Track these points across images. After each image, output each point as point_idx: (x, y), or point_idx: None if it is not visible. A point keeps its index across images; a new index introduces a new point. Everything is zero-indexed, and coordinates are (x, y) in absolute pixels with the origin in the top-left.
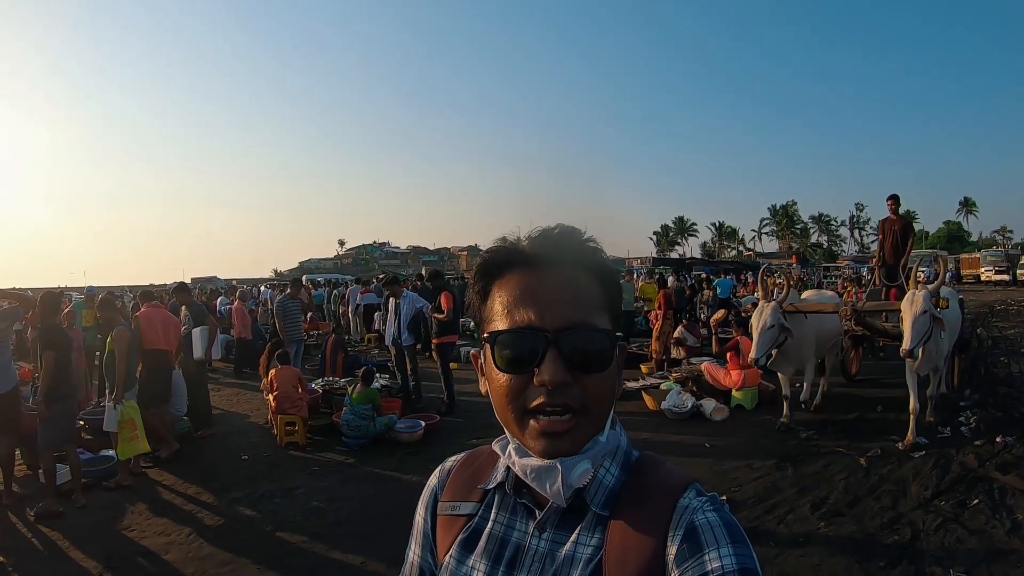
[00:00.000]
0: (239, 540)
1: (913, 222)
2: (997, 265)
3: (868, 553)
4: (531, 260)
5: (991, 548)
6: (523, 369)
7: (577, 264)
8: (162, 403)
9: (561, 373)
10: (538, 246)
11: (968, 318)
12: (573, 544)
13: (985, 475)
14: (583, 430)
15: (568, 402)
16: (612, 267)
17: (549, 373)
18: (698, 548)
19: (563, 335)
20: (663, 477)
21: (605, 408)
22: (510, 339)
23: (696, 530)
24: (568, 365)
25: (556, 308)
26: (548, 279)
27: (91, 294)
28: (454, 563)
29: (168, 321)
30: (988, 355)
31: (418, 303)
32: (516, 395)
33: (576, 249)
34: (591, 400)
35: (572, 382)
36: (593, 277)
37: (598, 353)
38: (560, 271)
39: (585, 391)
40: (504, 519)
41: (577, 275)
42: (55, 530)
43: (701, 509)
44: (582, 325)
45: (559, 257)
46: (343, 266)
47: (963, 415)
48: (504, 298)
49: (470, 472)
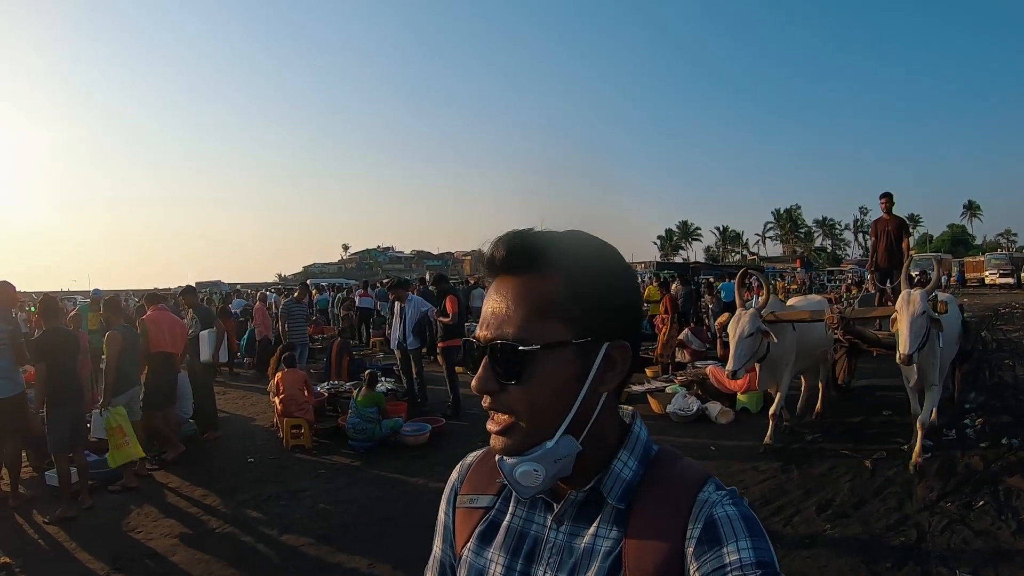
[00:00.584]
0: (245, 542)
1: (909, 223)
2: (1001, 268)
3: (874, 554)
4: (495, 268)
5: (997, 549)
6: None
7: (536, 268)
8: (168, 406)
9: (483, 382)
10: (489, 253)
11: (972, 322)
12: (592, 537)
13: (991, 477)
14: (518, 434)
15: (498, 407)
16: (595, 265)
17: (475, 380)
18: (717, 541)
19: (490, 347)
20: (682, 471)
21: (541, 416)
22: (465, 347)
23: (715, 523)
24: (496, 374)
25: (489, 321)
26: (497, 288)
27: (97, 297)
28: (472, 555)
29: (174, 324)
30: (993, 358)
31: (423, 307)
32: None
33: (535, 252)
34: (519, 408)
35: (498, 390)
36: (561, 281)
37: (508, 368)
38: (510, 278)
39: (511, 399)
40: (522, 512)
41: (527, 280)
42: (62, 531)
43: (720, 503)
44: (498, 338)
45: (511, 263)
46: (347, 270)
47: (968, 417)
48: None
49: (489, 466)
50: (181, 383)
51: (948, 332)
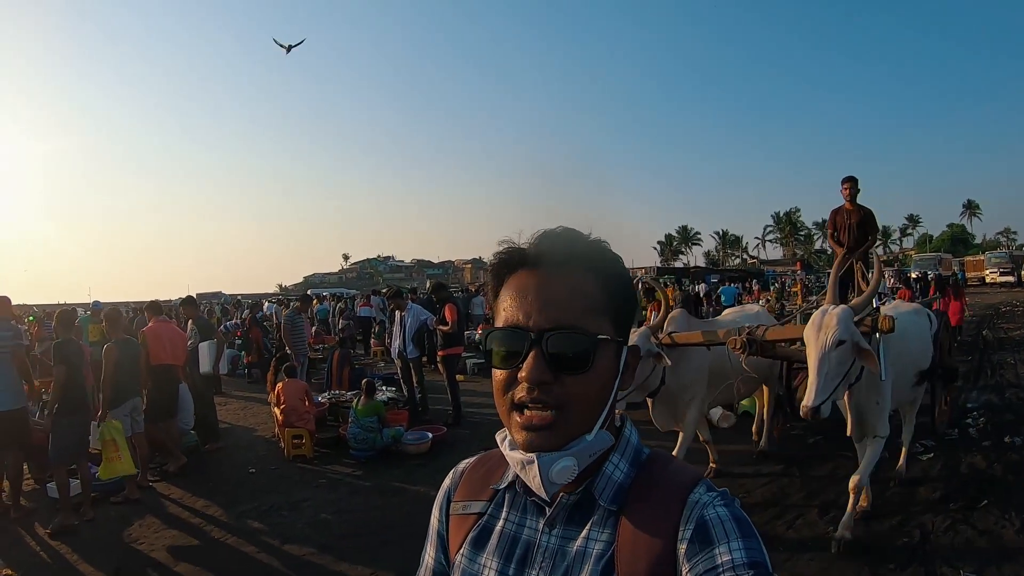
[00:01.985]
0: (247, 553)
1: (873, 211)
2: (1002, 267)
3: (878, 555)
4: (531, 261)
5: (1001, 548)
6: (510, 365)
7: (577, 265)
8: (169, 417)
9: (538, 372)
10: (537, 247)
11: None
12: (584, 540)
13: (994, 476)
14: (564, 427)
15: (548, 400)
16: (620, 270)
17: (527, 371)
18: (708, 542)
19: (546, 336)
20: (673, 473)
21: (590, 408)
22: (498, 337)
23: (707, 525)
24: (549, 365)
25: (543, 309)
26: (543, 280)
27: (97, 309)
28: (465, 561)
29: (175, 336)
30: (995, 356)
31: (422, 315)
32: (505, 389)
33: (577, 250)
34: (572, 400)
35: (552, 381)
36: (595, 279)
37: (578, 355)
38: (557, 273)
39: (566, 391)
40: (515, 517)
41: (575, 277)
42: (64, 543)
43: (711, 504)
44: (565, 327)
45: (557, 258)
46: (347, 280)
47: (970, 416)
48: (505, 298)
49: (482, 472)
50: (182, 394)
51: (902, 359)
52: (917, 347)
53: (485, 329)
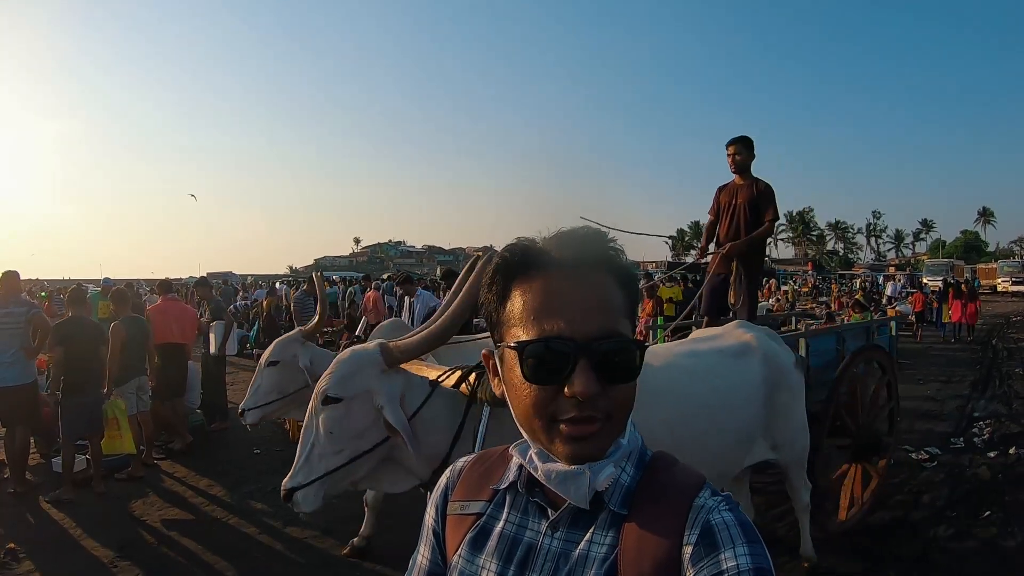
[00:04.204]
0: (250, 533)
1: (772, 187)
2: (1014, 276)
3: (879, 563)
4: (556, 262)
5: (1003, 560)
6: (552, 380)
7: (601, 267)
8: (176, 396)
9: (592, 385)
10: (563, 247)
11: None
12: (587, 543)
13: (998, 487)
14: (608, 435)
15: (596, 413)
16: (633, 271)
17: (582, 385)
18: (713, 547)
19: (593, 345)
20: (677, 476)
21: (628, 414)
22: (539, 350)
23: (712, 529)
24: (598, 375)
25: (585, 315)
26: (575, 283)
27: (108, 286)
28: (463, 562)
29: (183, 314)
30: (1003, 365)
31: (432, 302)
32: (544, 405)
33: (601, 252)
34: (617, 408)
35: (601, 392)
36: (616, 281)
37: (628, 363)
38: (586, 275)
39: (612, 400)
40: (516, 518)
41: (602, 279)
42: (68, 518)
43: (717, 508)
44: (612, 334)
45: (584, 260)
46: (358, 264)
47: (976, 426)
48: (528, 302)
49: (481, 472)
50: (191, 373)
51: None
52: (718, 401)
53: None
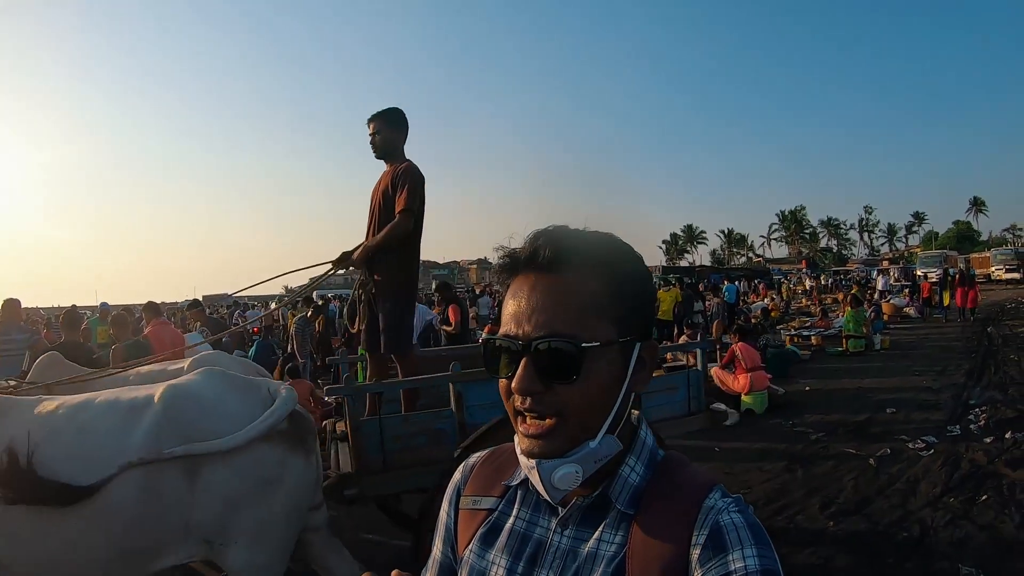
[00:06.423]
0: None
1: (415, 168)
2: (1008, 264)
3: (877, 550)
4: (525, 264)
5: (1000, 543)
6: (506, 374)
7: (575, 265)
8: None
9: (527, 382)
10: (530, 249)
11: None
12: (596, 541)
13: (994, 471)
14: (562, 435)
15: (542, 409)
16: (629, 264)
17: (517, 381)
18: (722, 548)
19: (534, 344)
20: (688, 477)
21: (589, 415)
22: (491, 346)
23: (721, 530)
24: (539, 374)
25: (533, 316)
26: (536, 285)
27: (105, 310)
28: (474, 557)
29: (177, 338)
30: (999, 352)
31: (427, 316)
32: (507, 396)
33: (572, 248)
34: (569, 407)
35: (543, 391)
36: (597, 278)
37: (564, 364)
38: (552, 276)
39: (560, 399)
40: (526, 515)
41: (570, 277)
42: None
43: (726, 510)
44: (553, 333)
45: (550, 258)
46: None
47: (972, 412)
48: (505, 303)
49: (493, 468)
50: None
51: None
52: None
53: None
